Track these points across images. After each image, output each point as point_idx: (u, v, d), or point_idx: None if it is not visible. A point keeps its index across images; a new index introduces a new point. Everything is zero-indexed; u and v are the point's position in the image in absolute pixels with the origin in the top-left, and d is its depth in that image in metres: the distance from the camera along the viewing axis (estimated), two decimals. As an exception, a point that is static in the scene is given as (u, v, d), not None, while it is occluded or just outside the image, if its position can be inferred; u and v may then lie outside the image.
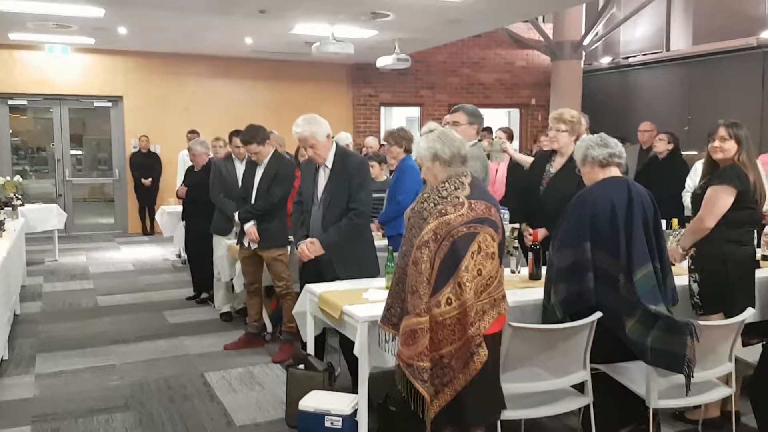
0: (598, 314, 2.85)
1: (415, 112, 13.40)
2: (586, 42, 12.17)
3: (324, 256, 3.75)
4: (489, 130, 8.32)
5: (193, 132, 8.96)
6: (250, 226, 4.56)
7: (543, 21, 13.21)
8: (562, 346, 2.84)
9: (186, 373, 4.49)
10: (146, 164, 10.95)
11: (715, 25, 10.94)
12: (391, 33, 9.31)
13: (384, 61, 9.96)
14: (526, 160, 5.20)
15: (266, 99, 11.59)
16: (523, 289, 3.45)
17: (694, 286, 3.44)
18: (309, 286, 3.61)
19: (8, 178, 8.39)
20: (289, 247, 4.61)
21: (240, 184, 4.99)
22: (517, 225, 4.27)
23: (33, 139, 11.38)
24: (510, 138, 6.79)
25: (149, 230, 11.07)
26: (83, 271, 8.05)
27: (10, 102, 10.57)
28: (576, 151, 3.33)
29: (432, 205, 2.57)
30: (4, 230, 5.46)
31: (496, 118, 13.32)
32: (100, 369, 4.56)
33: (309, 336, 3.66)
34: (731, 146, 3.34)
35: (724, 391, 3.08)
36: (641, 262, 2.93)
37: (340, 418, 3.25)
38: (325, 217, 3.79)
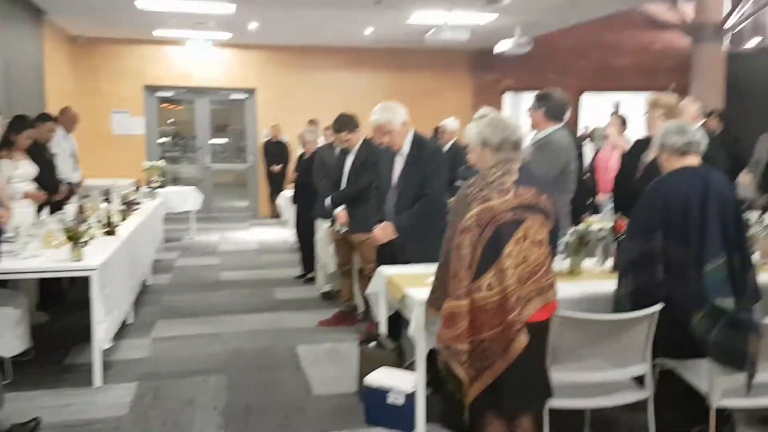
0: (658, 306, 2.73)
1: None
2: (730, 23, 11.19)
3: (397, 239, 3.87)
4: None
5: (312, 121, 9.39)
6: (339, 211, 4.78)
7: (685, 0, 12.32)
8: (619, 338, 2.75)
9: (279, 344, 4.81)
10: (276, 152, 11.61)
11: None
12: (512, 17, 9.13)
13: (503, 46, 9.81)
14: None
15: (386, 88, 11.82)
16: (601, 281, 3.36)
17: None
18: (381, 269, 3.74)
19: (153, 163, 9.35)
20: None
21: None
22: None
23: (183, 129, 12.49)
24: (623, 124, 6.47)
25: (277, 214, 11.76)
26: (213, 249, 8.77)
27: (156, 94, 11.65)
28: (654, 138, 3.18)
29: (477, 190, 2.58)
30: (137, 208, 6.10)
31: (631, 102, 12.63)
32: (207, 336, 5.01)
33: (381, 315, 3.79)
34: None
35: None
36: (713, 255, 2.75)
37: (402, 395, 3.38)
38: (398, 203, 3.91)
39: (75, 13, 8.95)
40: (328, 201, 4.96)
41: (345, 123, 4.77)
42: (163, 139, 12.47)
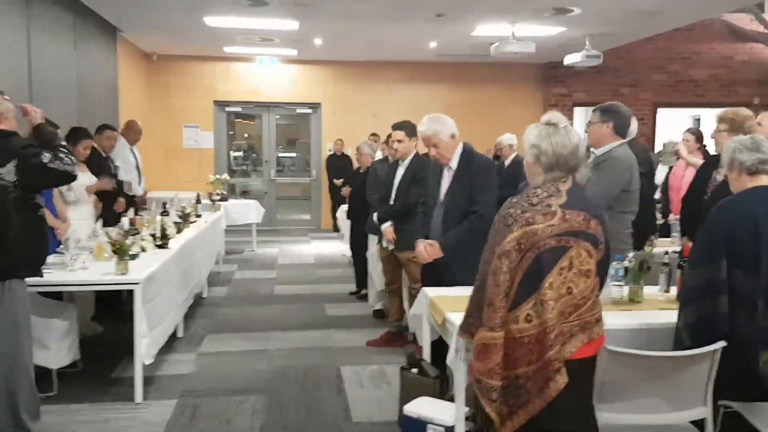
0: (722, 343, 2.43)
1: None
2: (823, 30, 10.43)
3: (442, 258, 3.68)
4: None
5: (373, 135, 9.32)
6: (386, 227, 4.63)
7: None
8: (676, 377, 2.46)
9: (325, 364, 4.69)
10: (339, 166, 11.60)
11: None
12: (581, 29, 8.81)
13: (572, 59, 9.46)
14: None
15: (450, 102, 11.63)
16: (662, 311, 3.07)
17: None
18: (425, 290, 3.56)
19: (219, 177, 9.51)
20: None
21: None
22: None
23: (257, 143, 12.70)
24: (699, 141, 6.03)
25: (337, 228, 11.74)
26: (272, 262, 8.80)
27: (226, 109, 11.90)
28: (723, 154, 2.87)
29: (519, 211, 2.34)
30: (193, 221, 6.15)
31: (710, 117, 11.97)
32: (253, 353, 4.95)
33: (425, 341, 3.61)
34: None
35: None
36: (787, 287, 2.43)
37: (443, 429, 3.17)
38: (445, 219, 3.72)
39: (147, 30, 9.26)
40: (375, 216, 4.82)
41: (404, 125, 4.63)
42: (237, 153, 12.76)
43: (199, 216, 6.73)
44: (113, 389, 4.15)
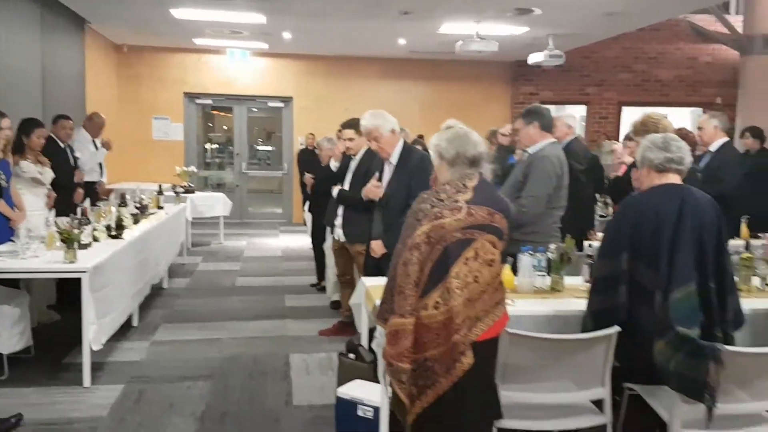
0: (616, 329, 2.61)
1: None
2: (782, 34, 10.70)
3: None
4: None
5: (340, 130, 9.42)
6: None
7: (735, 12, 11.88)
8: (574, 359, 2.64)
9: (275, 352, 4.82)
10: (310, 160, 11.69)
11: None
12: (544, 29, 9.00)
13: (535, 58, 9.65)
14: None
15: (422, 98, 11.81)
16: (578, 299, 3.23)
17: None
18: (363, 279, 3.71)
19: (185, 169, 9.57)
20: None
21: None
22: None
23: (231, 135, 12.70)
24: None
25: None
26: (238, 255, 8.89)
27: (196, 101, 11.93)
28: (637, 151, 3.04)
29: (429, 206, 2.51)
30: (152, 213, 6.23)
31: (677, 117, 12.21)
32: (206, 341, 5.06)
33: (363, 327, 3.75)
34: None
35: (771, 431, 2.64)
36: (683, 281, 2.60)
37: (372, 409, 3.32)
38: (386, 212, 3.86)
39: (115, 22, 9.28)
40: (335, 192, 4.91)
41: (353, 123, 4.77)
42: (213, 146, 12.80)
43: (161, 207, 6.81)
44: (63, 374, 4.25)
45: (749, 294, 3.38)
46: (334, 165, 5.19)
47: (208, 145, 12.79)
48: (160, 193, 7.09)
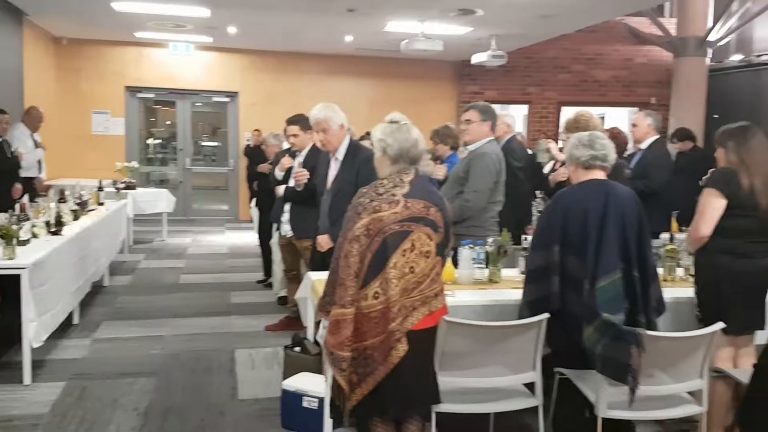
0: (545, 315, 2.77)
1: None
2: (713, 38, 11.25)
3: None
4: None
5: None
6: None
7: (669, 15, 12.41)
8: (507, 345, 2.78)
9: (220, 348, 4.83)
10: (256, 156, 11.63)
11: None
12: (487, 30, 9.20)
13: (478, 58, 9.87)
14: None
15: (370, 95, 11.87)
16: (514, 290, 3.38)
17: (695, 297, 3.18)
18: (309, 273, 3.77)
19: (126, 164, 9.40)
20: None
21: None
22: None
23: (174, 130, 12.48)
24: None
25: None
26: (182, 252, 8.79)
27: (138, 95, 11.70)
28: (565, 148, 3.21)
29: (368, 200, 2.61)
30: (92, 209, 6.13)
31: (614, 117, 12.67)
32: (149, 338, 5.02)
33: (309, 321, 3.82)
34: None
35: (691, 409, 2.83)
36: (608, 270, 2.77)
37: (317, 400, 3.39)
38: (332, 207, 3.93)
39: (54, 14, 9.02)
40: (280, 191, 4.93)
41: (298, 119, 4.81)
42: (155, 141, 12.54)
43: (101, 204, 6.69)
44: (2, 373, 4.17)
45: (673, 283, 3.60)
46: (279, 174, 5.18)
47: (150, 141, 12.54)
48: (100, 189, 6.96)
